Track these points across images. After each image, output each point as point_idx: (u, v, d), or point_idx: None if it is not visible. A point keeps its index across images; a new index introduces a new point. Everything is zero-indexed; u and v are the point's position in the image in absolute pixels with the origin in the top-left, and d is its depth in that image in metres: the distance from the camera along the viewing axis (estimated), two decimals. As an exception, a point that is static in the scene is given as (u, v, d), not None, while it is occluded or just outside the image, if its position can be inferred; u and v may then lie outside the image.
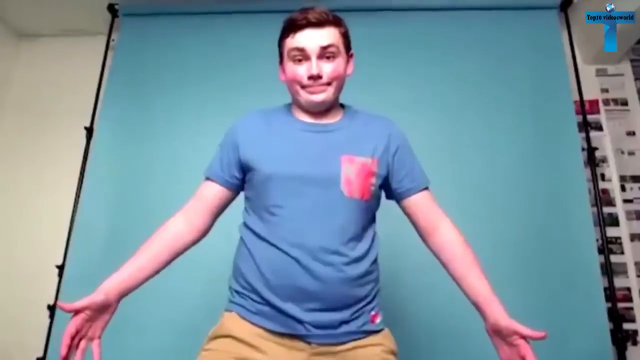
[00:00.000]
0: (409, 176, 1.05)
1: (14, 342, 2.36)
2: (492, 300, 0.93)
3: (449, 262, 1.01)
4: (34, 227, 2.39)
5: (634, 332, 2.19)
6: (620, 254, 2.29)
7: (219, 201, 1.07)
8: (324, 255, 0.91)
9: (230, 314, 0.96)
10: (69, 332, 0.84)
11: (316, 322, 0.90)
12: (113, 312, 0.93)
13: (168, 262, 1.01)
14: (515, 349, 0.87)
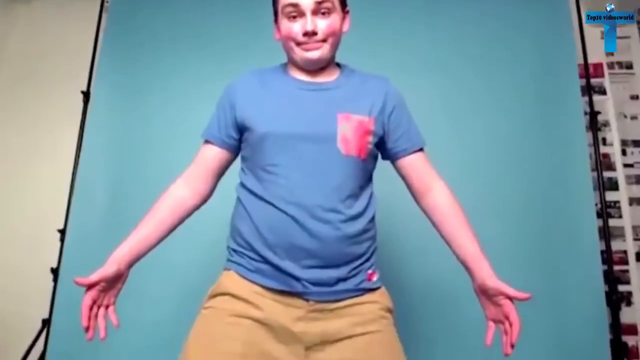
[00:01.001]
0: (405, 136, 1.04)
1: (18, 305, 2.41)
2: (480, 261, 0.94)
3: (440, 223, 1.02)
4: (34, 193, 2.40)
5: (628, 293, 2.23)
6: (619, 217, 2.30)
7: (218, 163, 1.07)
8: (321, 213, 0.91)
9: (229, 272, 0.97)
10: (87, 304, 0.89)
11: (313, 280, 0.91)
12: (125, 280, 0.97)
13: (173, 227, 1.03)
14: (500, 309, 0.89)
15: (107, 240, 1.93)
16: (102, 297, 0.92)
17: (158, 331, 1.91)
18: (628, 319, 2.18)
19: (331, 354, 0.91)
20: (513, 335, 0.86)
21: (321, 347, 0.91)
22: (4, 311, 2.47)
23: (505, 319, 0.89)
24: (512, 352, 0.86)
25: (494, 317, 0.92)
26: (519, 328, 0.86)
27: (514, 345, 0.86)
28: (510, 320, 0.87)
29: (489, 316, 0.93)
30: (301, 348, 0.90)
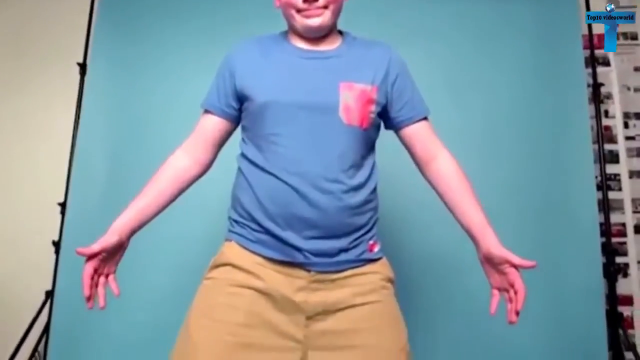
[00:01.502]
0: (409, 105, 1.03)
1: (21, 278, 2.43)
2: (485, 229, 0.94)
3: (444, 192, 1.01)
4: (33, 167, 2.39)
5: (625, 265, 2.25)
6: (618, 190, 2.31)
7: (218, 133, 1.06)
8: (323, 183, 0.90)
9: (230, 243, 0.97)
10: (88, 273, 0.90)
11: (315, 250, 0.91)
12: (125, 249, 0.97)
13: (174, 197, 1.03)
14: (505, 277, 0.89)
15: (108, 212, 1.93)
16: (103, 266, 0.93)
17: (160, 302, 1.93)
18: (624, 290, 2.21)
19: (332, 324, 0.92)
20: (518, 303, 0.86)
21: (322, 317, 0.92)
22: (7, 284, 2.50)
23: (510, 287, 0.89)
24: (517, 320, 0.87)
25: (499, 285, 0.92)
26: (524, 296, 0.86)
27: (519, 313, 0.87)
28: (516, 288, 0.87)
29: (493, 285, 0.93)
30: (302, 318, 0.91)
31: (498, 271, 0.91)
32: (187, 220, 1.98)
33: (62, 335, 2.04)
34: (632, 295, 2.24)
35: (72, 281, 2.07)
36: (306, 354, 0.91)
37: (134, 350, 1.92)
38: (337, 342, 0.91)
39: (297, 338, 0.91)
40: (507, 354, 1.88)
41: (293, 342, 0.91)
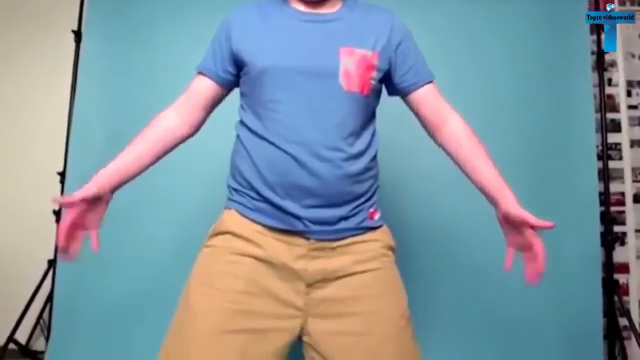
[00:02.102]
0: (413, 70, 1.01)
1: (24, 248, 2.45)
2: (502, 189, 0.93)
3: (457, 154, 1.00)
4: (32, 136, 2.39)
5: (623, 234, 2.27)
6: (619, 159, 2.30)
7: (210, 96, 1.04)
8: (322, 151, 0.89)
9: (230, 211, 0.97)
10: (65, 225, 0.88)
11: (315, 218, 0.91)
12: (107, 203, 0.96)
13: (159, 156, 1.02)
14: (523, 237, 0.90)
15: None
16: (83, 220, 0.92)
17: (160, 270, 1.96)
18: (621, 258, 2.23)
19: (332, 291, 0.93)
20: (539, 264, 0.87)
21: (322, 285, 0.92)
22: (10, 254, 2.52)
23: (529, 248, 0.89)
24: (537, 282, 0.88)
25: (517, 245, 0.92)
26: (543, 257, 0.87)
27: (540, 275, 0.87)
28: (536, 250, 0.87)
29: (510, 243, 0.94)
30: (302, 285, 0.92)
31: (517, 231, 0.91)
32: (186, 187, 1.99)
33: (66, 302, 2.06)
34: (629, 263, 2.27)
35: (74, 250, 2.09)
36: (306, 321, 0.92)
37: (137, 315, 1.95)
38: (337, 309, 0.92)
39: (297, 305, 0.91)
40: (505, 319, 1.92)
41: (293, 310, 0.91)
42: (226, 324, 0.88)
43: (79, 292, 2.04)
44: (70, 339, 2.01)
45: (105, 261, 2.03)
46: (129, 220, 2.03)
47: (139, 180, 2.10)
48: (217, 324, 0.88)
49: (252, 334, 0.88)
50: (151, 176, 1.98)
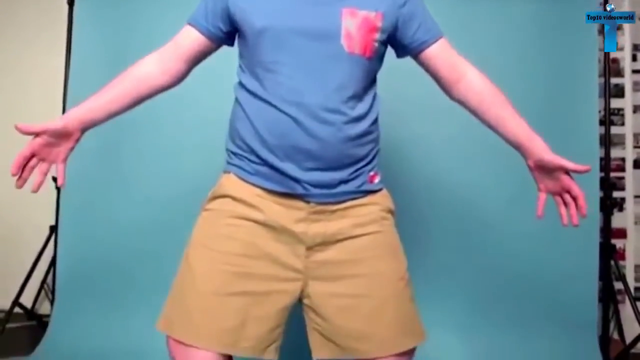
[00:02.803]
0: (423, 27, 0.98)
1: (25, 215, 2.47)
2: (532, 137, 0.94)
3: (479, 107, 0.99)
4: (28, 104, 2.37)
5: (621, 199, 2.28)
6: (621, 125, 2.29)
7: (197, 49, 1.01)
8: (323, 113, 0.88)
9: (228, 175, 0.96)
10: (23, 153, 0.88)
11: (315, 182, 0.90)
12: (76, 141, 0.94)
13: (135, 101, 0.99)
14: (558, 182, 0.92)
15: (106, 145, 1.93)
16: (47, 152, 0.91)
17: (158, 234, 1.98)
18: (619, 223, 2.25)
19: (332, 254, 0.93)
20: (581, 207, 0.91)
21: (322, 248, 0.93)
22: (12, 220, 2.54)
23: (565, 192, 0.92)
24: (579, 223, 0.92)
25: (551, 190, 0.95)
26: (583, 199, 0.90)
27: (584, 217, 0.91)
28: (574, 194, 0.91)
29: (542, 189, 0.96)
30: (302, 248, 0.92)
31: (551, 177, 0.92)
32: (185, 150, 1.99)
33: (68, 267, 2.09)
34: (626, 229, 2.29)
35: (75, 215, 2.11)
36: (306, 283, 0.93)
37: (137, 278, 1.99)
38: (337, 272, 0.93)
39: (297, 268, 0.92)
40: (502, 279, 1.95)
41: (293, 273, 0.92)
42: (226, 287, 0.89)
43: (81, 257, 2.07)
44: (74, 302, 2.05)
45: (106, 226, 2.05)
46: (128, 185, 2.04)
47: (139, 143, 2.10)
48: (217, 286, 0.89)
49: (252, 296, 0.90)
50: (151, 139, 2.02)
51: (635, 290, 2.24)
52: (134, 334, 1.88)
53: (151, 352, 1.49)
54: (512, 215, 1.89)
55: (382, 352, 0.93)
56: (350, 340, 0.93)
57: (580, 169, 0.88)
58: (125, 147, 2.03)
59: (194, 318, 0.88)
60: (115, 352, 1.90)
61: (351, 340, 0.93)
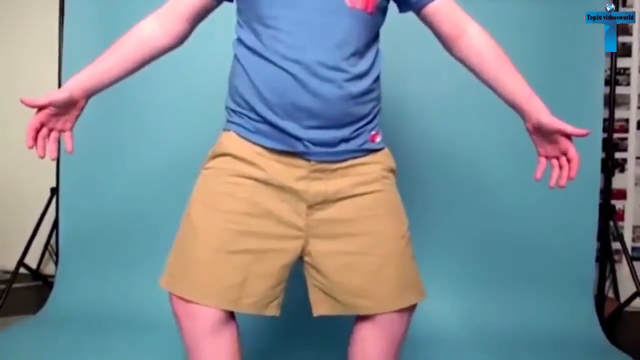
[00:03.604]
0: None
1: (26, 177, 2.47)
2: (532, 99, 0.91)
3: (479, 66, 0.96)
4: (25, 67, 2.37)
5: (623, 160, 2.27)
6: (627, 85, 2.25)
7: (198, 6, 0.98)
8: (324, 70, 0.86)
9: (228, 133, 0.95)
10: (33, 125, 0.88)
11: (315, 140, 0.89)
12: (81, 108, 0.93)
13: (139, 64, 0.97)
14: (556, 145, 0.90)
15: (105, 108, 1.91)
16: (55, 121, 0.90)
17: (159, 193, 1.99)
18: (619, 184, 2.25)
19: (333, 213, 0.93)
20: (572, 170, 0.88)
21: (323, 206, 0.93)
22: (13, 183, 2.54)
23: (562, 155, 0.90)
24: (565, 185, 0.89)
25: (549, 154, 0.92)
26: (578, 164, 0.88)
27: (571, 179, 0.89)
28: (570, 156, 0.88)
29: (541, 153, 0.94)
30: (303, 206, 0.92)
31: (549, 140, 0.90)
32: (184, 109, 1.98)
33: (70, 228, 2.12)
34: (626, 190, 2.30)
35: (75, 177, 2.12)
36: (307, 242, 0.93)
37: (140, 237, 2.01)
38: (338, 230, 0.93)
39: (298, 226, 0.92)
40: (499, 240, 1.97)
41: (294, 231, 0.92)
42: (228, 244, 0.89)
43: (82, 218, 2.09)
44: (78, 262, 2.08)
45: (107, 187, 2.06)
46: (129, 144, 2.04)
47: (138, 103, 2.08)
48: (219, 244, 0.89)
49: (254, 254, 0.90)
50: (150, 99, 1.99)
51: (633, 250, 2.27)
52: (138, 291, 1.92)
53: (155, 309, 1.53)
54: (512, 174, 1.89)
55: (382, 308, 0.94)
56: (351, 296, 0.94)
57: (579, 132, 0.86)
58: (124, 107, 2.02)
59: (196, 275, 0.89)
60: (120, 309, 1.94)
61: (352, 297, 0.94)
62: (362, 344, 1.00)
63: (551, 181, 0.91)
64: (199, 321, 0.89)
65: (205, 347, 0.90)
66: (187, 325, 0.90)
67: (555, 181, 0.91)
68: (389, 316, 0.95)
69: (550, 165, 0.93)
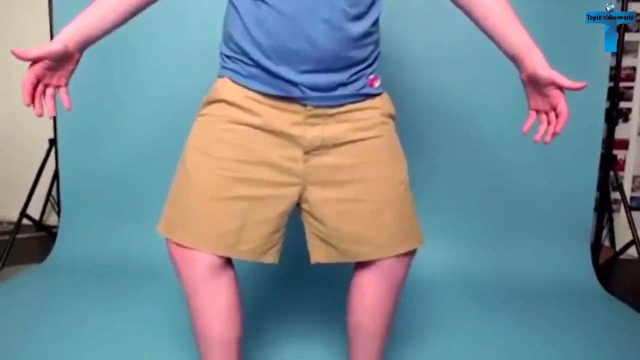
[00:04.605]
0: None
1: (23, 128, 2.46)
2: (531, 49, 0.87)
3: (480, 15, 0.92)
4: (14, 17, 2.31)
5: (627, 110, 2.24)
6: (636, 32, 2.19)
7: None
8: (319, 11, 0.82)
9: (223, 79, 0.92)
10: (29, 80, 0.82)
11: (312, 84, 0.86)
12: (77, 61, 0.89)
13: (134, 11, 0.92)
14: (548, 99, 0.87)
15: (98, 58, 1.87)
16: (50, 76, 0.86)
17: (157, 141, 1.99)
18: (622, 134, 2.23)
19: (331, 159, 0.92)
20: (558, 124, 0.86)
21: (320, 152, 0.91)
22: (10, 134, 2.53)
23: (552, 109, 0.87)
24: (550, 141, 0.87)
25: (540, 107, 0.90)
26: (565, 119, 0.85)
27: (555, 135, 0.87)
28: (558, 111, 0.85)
29: (532, 106, 0.91)
30: (300, 153, 0.90)
31: (541, 93, 0.87)
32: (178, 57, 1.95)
33: (70, 179, 2.13)
34: (629, 140, 2.28)
35: (73, 127, 2.11)
36: (305, 188, 0.92)
37: (139, 184, 2.03)
38: (335, 176, 0.92)
39: (295, 173, 0.91)
40: (499, 187, 1.98)
41: (291, 177, 0.91)
42: (225, 192, 0.89)
43: (82, 168, 2.09)
44: (80, 212, 2.11)
45: (105, 136, 2.05)
46: (125, 94, 2.01)
47: (134, 52, 2.03)
48: (215, 191, 0.89)
49: (250, 201, 0.90)
50: (147, 47, 1.94)
51: (631, 200, 2.28)
52: (140, 239, 1.95)
53: (156, 256, 1.55)
54: (513, 121, 1.87)
55: (380, 254, 0.95)
56: (349, 243, 0.94)
57: (575, 85, 0.82)
58: (120, 56, 1.97)
59: (193, 222, 0.89)
60: (123, 257, 1.99)
61: (350, 244, 0.94)
62: (361, 290, 1.01)
63: (536, 136, 0.89)
64: (197, 267, 0.90)
65: (203, 292, 0.91)
66: (185, 271, 0.91)
67: (540, 137, 0.88)
68: (388, 262, 0.96)
69: (539, 120, 0.90)
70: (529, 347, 1.48)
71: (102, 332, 1.48)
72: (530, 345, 1.48)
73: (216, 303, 0.93)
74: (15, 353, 1.35)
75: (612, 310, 1.75)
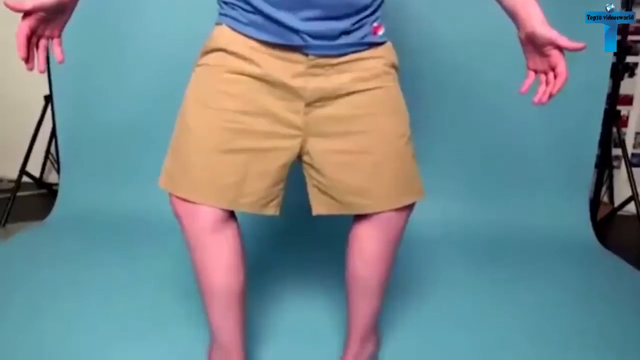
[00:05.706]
0: None
1: (19, 84, 2.41)
2: (531, 6, 0.84)
3: None
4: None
5: (634, 64, 2.20)
6: (647, -18, 2.11)
7: None
8: (321, -48, 0.79)
9: (221, 27, 0.89)
10: (23, 32, 0.79)
11: (314, 32, 0.83)
12: (70, 12, 0.86)
13: None
14: (547, 59, 0.84)
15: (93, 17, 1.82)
16: (44, 28, 0.83)
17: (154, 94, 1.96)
18: (627, 90, 2.20)
19: (332, 110, 0.90)
20: (556, 85, 0.83)
21: (322, 103, 0.89)
22: (8, 93, 2.49)
23: (550, 70, 0.84)
24: (547, 102, 0.85)
25: (538, 67, 0.87)
26: (564, 80, 0.83)
27: (552, 96, 0.85)
28: (557, 71, 0.83)
29: (531, 66, 0.89)
30: (301, 104, 0.89)
31: (540, 53, 0.85)
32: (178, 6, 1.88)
33: (68, 135, 2.11)
34: (633, 96, 2.25)
35: (68, 83, 2.07)
36: (306, 140, 0.91)
37: (138, 138, 2.01)
38: (337, 128, 0.91)
39: (296, 125, 0.90)
40: (504, 142, 1.97)
41: (292, 129, 0.90)
42: (225, 144, 0.87)
43: (79, 124, 2.07)
44: (79, 169, 2.10)
45: (101, 91, 2.02)
46: (121, 46, 1.97)
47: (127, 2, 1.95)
48: (216, 143, 0.87)
49: (251, 153, 0.89)
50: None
51: (632, 156, 2.28)
52: (139, 193, 1.96)
53: (157, 210, 1.56)
54: (517, 75, 1.84)
55: (380, 206, 0.95)
56: (350, 195, 0.94)
57: (574, 46, 0.79)
58: (115, 6, 1.91)
59: (194, 175, 0.89)
60: (124, 211, 2.00)
61: (350, 196, 0.94)
62: (359, 242, 1.01)
63: (535, 97, 0.87)
64: (200, 220, 0.90)
65: (206, 245, 0.92)
66: (188, 224, 0.91)
67: (539, 98, 0.86)
68: (387, 215, 0.96)
69: (539, 80, 0.87)
70: (525, 298, 1.51)
71: (104, 287, 1.50)
72: (526, 296, 1.52)
73: (220, 256, 0.93)
74: (17, 309, 1.38)
75: (608, 265, 1.77)
